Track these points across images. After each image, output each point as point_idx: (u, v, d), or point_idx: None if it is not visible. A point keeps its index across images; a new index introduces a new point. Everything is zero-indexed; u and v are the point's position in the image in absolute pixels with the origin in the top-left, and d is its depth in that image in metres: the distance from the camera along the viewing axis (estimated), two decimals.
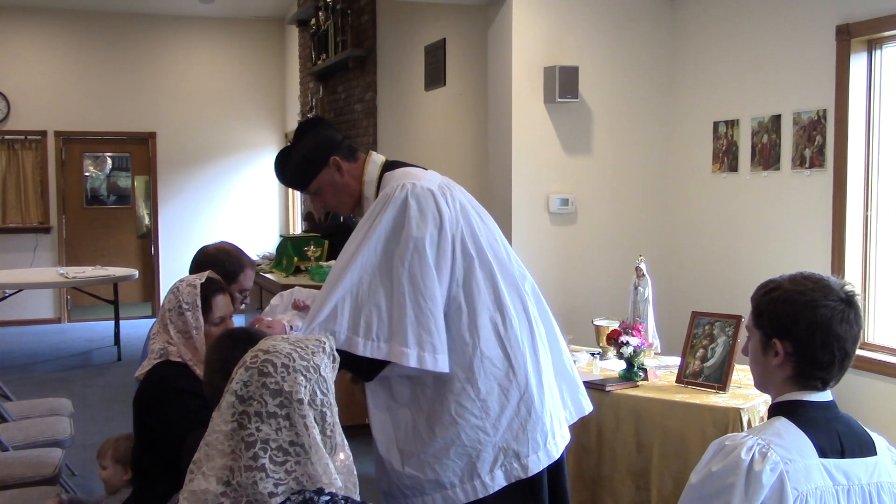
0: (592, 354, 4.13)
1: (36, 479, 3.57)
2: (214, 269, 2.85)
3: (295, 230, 10.99)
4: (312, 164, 2.67)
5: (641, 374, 3.73)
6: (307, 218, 9.70)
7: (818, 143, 4.17)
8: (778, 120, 4.42)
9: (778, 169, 4.43)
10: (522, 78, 4.94)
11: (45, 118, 10.53)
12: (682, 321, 4.05)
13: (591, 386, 3.58)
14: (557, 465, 2.61)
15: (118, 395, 6.85)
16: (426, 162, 3.01)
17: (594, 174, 5.13)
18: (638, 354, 3.72)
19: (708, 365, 3.63)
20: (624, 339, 3.73)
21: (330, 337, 1.69)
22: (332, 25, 8.50)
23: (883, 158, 4.03)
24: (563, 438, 2.62)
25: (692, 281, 5.11)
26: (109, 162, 11.27)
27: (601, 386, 3.64)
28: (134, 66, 10.83)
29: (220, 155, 11.29)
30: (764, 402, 3.34)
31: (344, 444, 1.65)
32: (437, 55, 6.57)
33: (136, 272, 8.95)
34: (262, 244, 10.55)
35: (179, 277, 2.70)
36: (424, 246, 2.44)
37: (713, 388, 3.54)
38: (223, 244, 3.14)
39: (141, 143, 11.08)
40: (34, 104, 10.46)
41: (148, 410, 2.55)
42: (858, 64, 4.02)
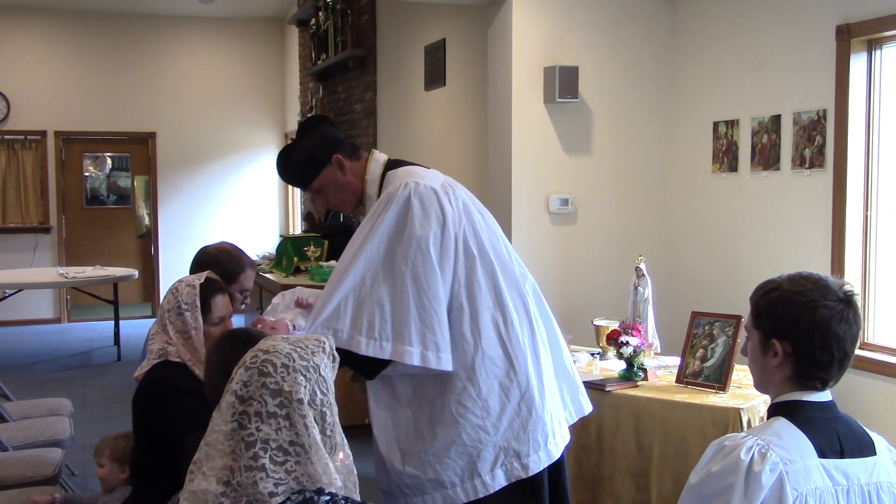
0: (592, 354, 4.13)
1: (36, 479, 3.57)
2: (215, 269, 2.85)
3: (295, 230, 10.99)
4: (315, 161, 2.67)
5: (641, 374, 3.73)
6: (307, 218, 9.70)
7: (818, 143, 4.17)
8: (778, 120, 4.42)
9: (778, 169, 4.43)
10: (522, 78, 4.94)
11: (44, 118, 10.53)
12: (681, 321, 4.05)
13: (590, 386, 3.58)
14: (558, 465, 2.61)
15: (118, 395, 6.85)
16: (426, 162, 3.00)
17: (594, 174, 5.13)
18: (638, 354, 3.72)
19: (708, 365, 3.63)
20: (624, 339, 3.73)
21: (330, 337, 1.69)
22: (331, 25, 8.50)
23: (883, 158, 4.03)
24: (563, 438, 2.62)
25: (692, 281, 5.11)
26: (109, 162, 11.27)
27: (601, 386, 3.64)
28: (134, 66, 10.83)
29: (220, 155, 11.29)
30: (764, 402, 3.34)
31: (344, 443, 1.65)
32: (436, 55, 6.57)
33: (135, 272, 8.95)
34: (261, 244, 10.55)
35: (179, 277, 2.70)
36: (428, 244, 2.43)
37: (713, 388, 3.54)
38: (224, 244, 3.13)
39: (141, 143, 11.08)
40: (34, 104, 10.46)
41: (147, 410, 2.55)
42: (858, 64, 4.02)
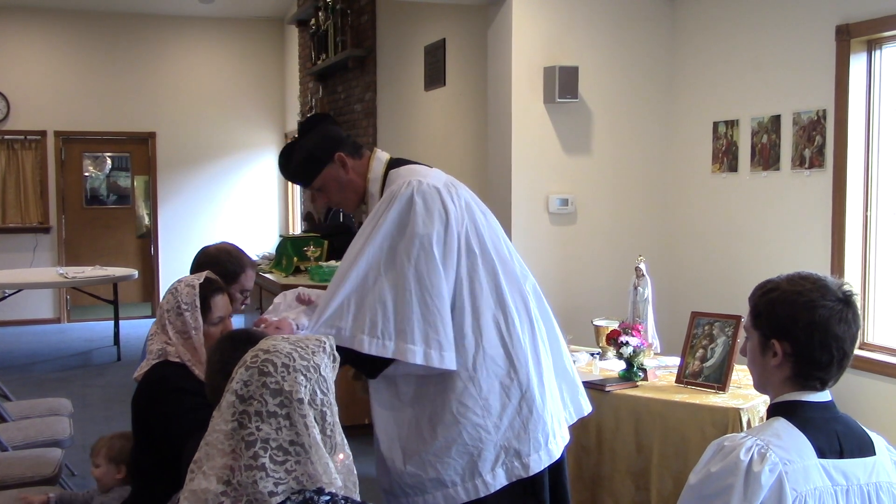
0: (592, 354, 4.13)
1: (35, 479, 3.57)
2: (215, 269, 2.84)
3: (294, 230, 10.98)
4: (317, 159, 2.67)
5: (641, 374, 3.73)
6: (307, 218, 9.70)
7: (818, 143, 4.18)
8: (778, 120, 4.42)
9: (778, 169, 4.43)
10: (522, 78, 4.94)
11: (44, 118, 10.53)
12: (681, 321, 4.05)
13: (590, 386, 3.58)
14: (558, 465, 2.61)
15: (118, 395, 6.85)
16: (426, 162, 3.00)
17: (594, 174, 5.13)
18: (637, 354, 3.72)
19: (707, 365, 3.63)
20: (623, 339, 3.73)
21: (330, 337, 1.69)
22: (331, 25, 8.50)
23: (882, 158, 4.03)
24: (563, 438, 2.62)
25: (692, 281, 5.11)
26: (109, 162, 11.27)
27: (601, 386, 3.64)
28: (134, 66, 10.83)
29: (219, 155, 11.29)
30: (763, 402, 3.34)
31: (344, 443, 1.65)
32: (436, 55, 6.57)
33: (135, 272, 8.95)
34: (261, 244, 10.55)
35: (178, 278, 2.70)
36: (431, 243, 2.43)
37: (713, 388, 3.55)
38: (224, 244, 3.13)
39: (141, 143, 11.08)
40: (34, 104, 10.46)
41: (147, 410, 2.55)
42: (858, 64, 4.02)
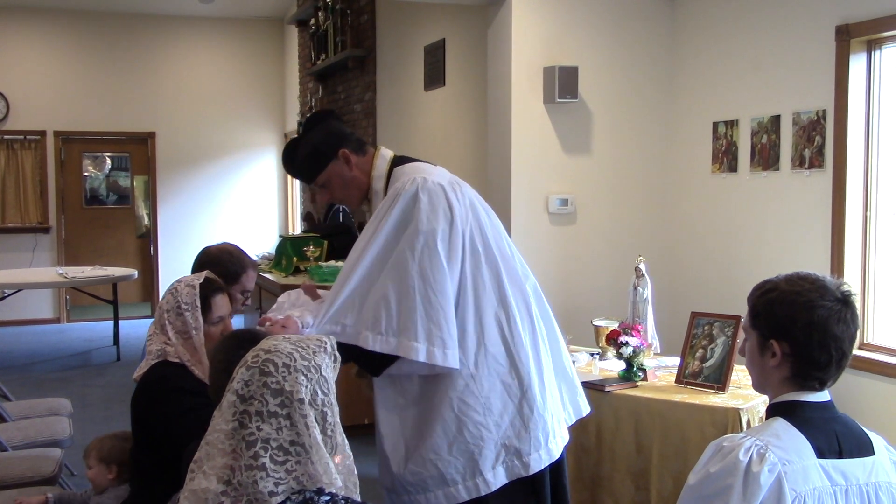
0: (592, 355, 4.14)
1: (35, 479, 3.57)
2: (217, 269, 2.84)
3: (294, 230, 10.98)
4: (321, 155, 2.67)
5: (641, 374, 3.73)
6: (306, 218, 9.71)
7: (817, 143, 4.18)
8: (777, 120, 4.42)
9: (777, 169, 4.43)
10: (522, 78, 4.94)
11: (44, 118, 10.52)
12: (681, 321, 4.05)
13: (590, 386, 3.59)
14: (557, 464, 2.62)
15: (117, 395, 6.85)
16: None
17: (594, 174, 5.13)
18: (637, 355, 3.72)
19: (707, 365, 3.63)
20: (623, 339, 3.74)
21: (332, 337, 1.69)
22: (331, 25, 8.50)
23: (882, 159, 4.04)
24: (563, 438, 2.63)
25: (692, 281, 5.11)
26: (109, 162, 11.27)
27: (600, 386, 3.65)
28: (134, 66, 10.83)
29: (219, 155, 11.28)
30: (763, 402, 3.34)
31: (345, 443, 1.65)
32: (436, 55, 6.57)
33: (135, 272, 8.95)
34: (261, 244, 10.55)
35: (178, 278, 2.70)
36: (436, 240, 2.44)
37: (712, 388, 3.55)
38: (226, 245, 3.12)
39: (140, 143, 11.08)
40: (33, 104, 10.46)
41: (147, 410, 2.55)
42: (858, 64, 4.02)
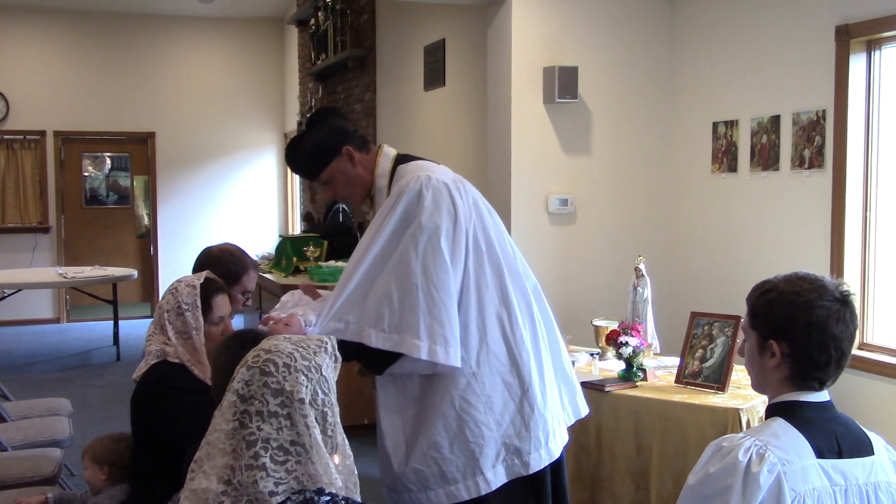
0: (592, 355, 4.14)
1: (35, 479, 3.57)
2: (218, 269, 2.84)
3: (294, 230, 10.98)
4: (324, 152, 2.66)
5: (640, 374, 3.74)
6: (306, 218, 9.71)
7: (817, 143, 4.18)
8: (777, 120, 4.42)
9: (777, 169, 4.44)
10: (522, 78, 4.94)
11: (44, 118, 10.52)
12: (681, 321, 4.05)
13: (590, 386, 3.59)
14: (557, 464, 2.62)
15: (117, 395, 6.85)
16: None
17: (594, 174, 5.14)
18: (637, 355, 3.72)
19: (707, 365, 3.63)
20: (623, 339, 3.74)
21: (332, 337, 1.69)
22: (331, 25, 8.50)
23: (882, 159, 4.04)
24: (562, 438, 2.63)
25: (691, 281, 5.11)
26: (108, 162, 11.27)
27: (600, 386, 3.65)
28: (134, 66, 10.83)
29: (219, 155, 11.28)
30: (763, 402, 3.34)
31: (345, 444, 1.65)
32: (436, 55, 6.57)
33: (135, 272, 8.95)
34: (261, 244, 10.55)
35: (177, 278, 2.70)
36: (439, 238, 2.44)
37: (712, 388, 3.55)
38: (227, 245, 3.12)
39: (140, 143, 11.07)
40: (33, 104, 10.46)
41: (147, 410, 2.55)
42: (858, 64, 4.02)
